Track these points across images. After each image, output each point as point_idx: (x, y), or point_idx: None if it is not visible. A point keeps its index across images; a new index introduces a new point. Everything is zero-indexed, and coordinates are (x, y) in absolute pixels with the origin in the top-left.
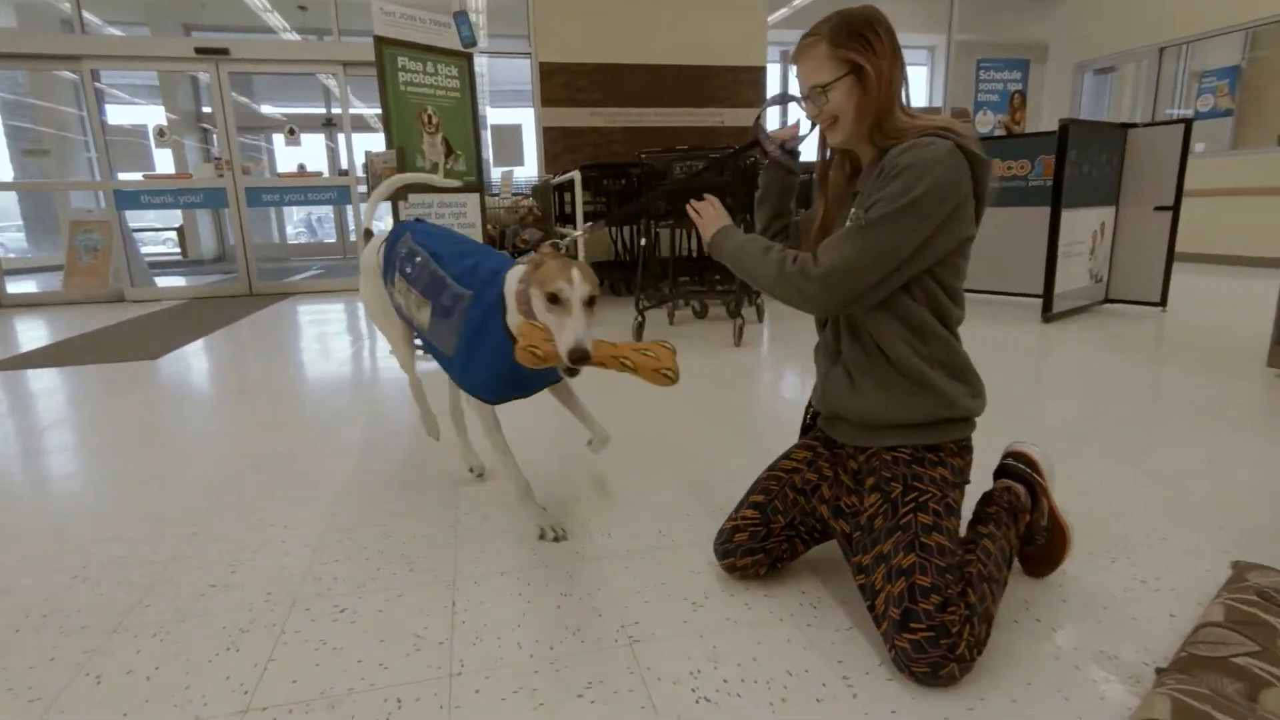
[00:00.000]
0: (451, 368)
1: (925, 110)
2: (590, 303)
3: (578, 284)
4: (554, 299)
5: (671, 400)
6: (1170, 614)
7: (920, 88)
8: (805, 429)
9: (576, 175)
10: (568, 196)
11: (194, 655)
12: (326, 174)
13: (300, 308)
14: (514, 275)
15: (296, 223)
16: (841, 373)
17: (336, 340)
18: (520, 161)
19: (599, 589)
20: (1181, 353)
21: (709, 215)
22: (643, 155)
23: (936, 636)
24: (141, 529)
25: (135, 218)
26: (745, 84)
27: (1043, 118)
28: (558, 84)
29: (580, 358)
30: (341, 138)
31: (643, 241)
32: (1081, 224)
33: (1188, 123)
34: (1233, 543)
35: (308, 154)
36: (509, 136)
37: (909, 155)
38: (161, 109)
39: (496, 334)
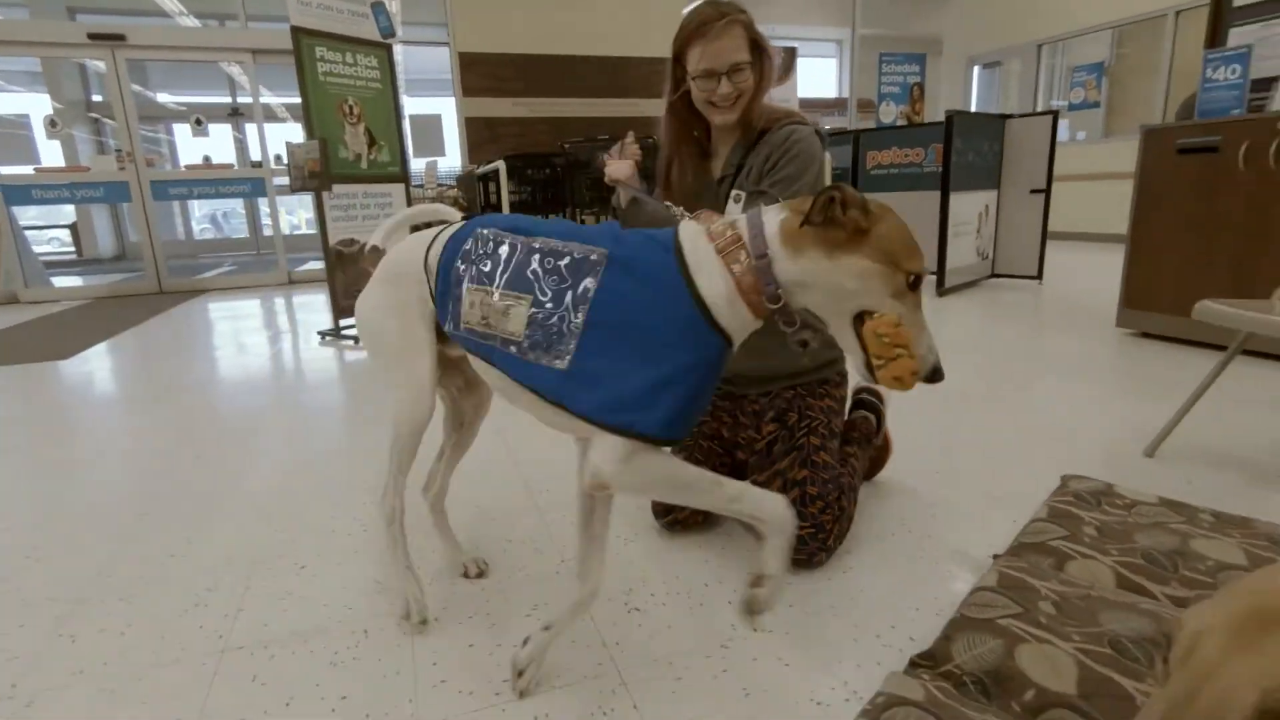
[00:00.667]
0: (575, 390)
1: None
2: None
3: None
4: (915, 282)
5: None
6: (1013, 519)
7: (830, 79)
8: None
9: (501, 165)
10: (493, 186)
11: (163, 614)
12: (236, 166)
13: (214, 305)
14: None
15: (201, 218)
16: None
17: (255, 336)
18: (441, 152)
19: (540, 535)
20: (1052, 318)
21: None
22: (565, 145)
23: (816, 533)
24: (87, 516)
25: (20, 214)
26: (664, 75)
27: (940, 109)
28: (479, 74)
29: (940, 372)
30: (251, 128)
31: None
32: (968, 206)
33: (1054, 114)
34: (1066, 463)
35: (213, 145)
36: (429, 127)
37: (795, 140)
38: (47, 98)
39: (680, 304)
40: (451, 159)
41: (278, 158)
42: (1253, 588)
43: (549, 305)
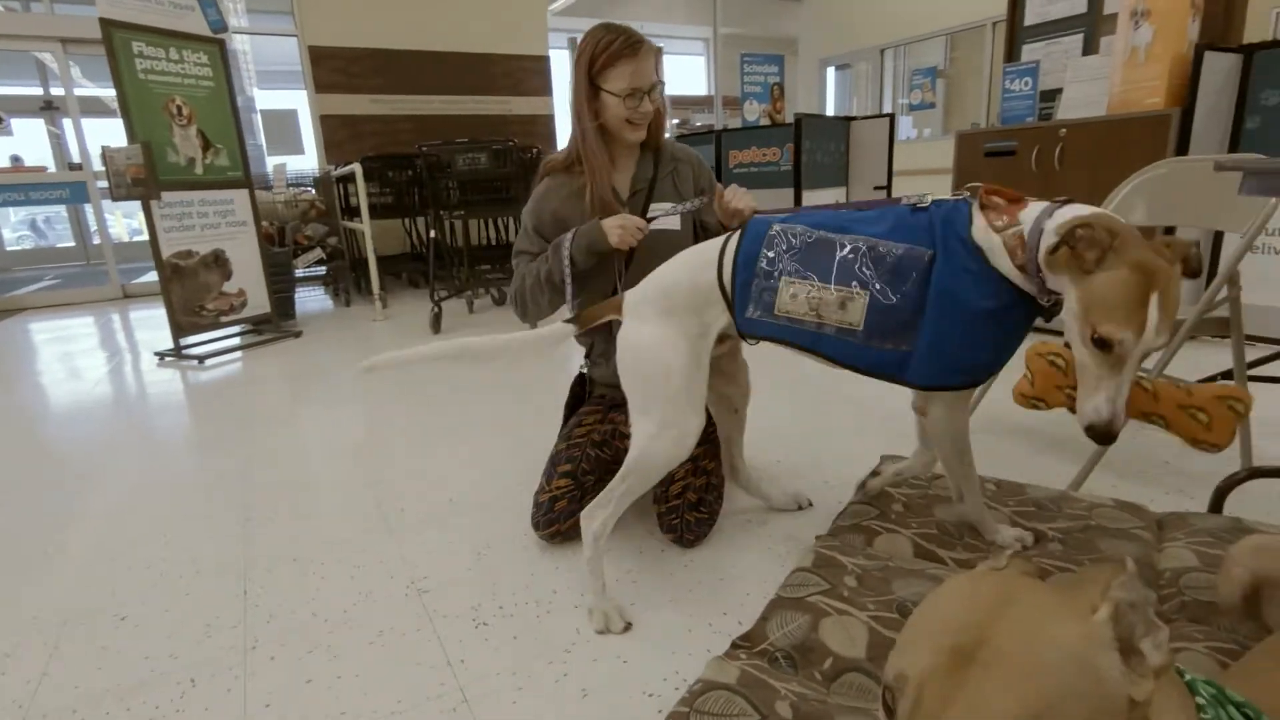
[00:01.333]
0: (922, 364)
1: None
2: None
3: (1151, 330)
4: (1103, 344)
5: (471, 380)
6: (839, 500)
7: (700, 78)
8: (575, 399)
9: (357, 168)
10: (352, 189)
11: None
12: (53, 168)
13: (35, 325)
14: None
15: (17, 224)
16: None
17: (85, 359)
18: (299, 149)
19: (393, 558)
20: None
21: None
22: (423, 148)
23: (709, 518)
24: None
25: None
26: (530, 72)
27: (798, 108)
28: (331, 69)
29: (1102, 436)
30: (68, 123)
31: (432, 233)
32: (819, 203)
33: (890, 117)
34: (894, 444)
35: (22, 144)
36: (284, 123)
37: (688, 151)
38: None
39: (981, 280)
40: (310, 158)
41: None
42: (946, 625)
43: (891, 298)
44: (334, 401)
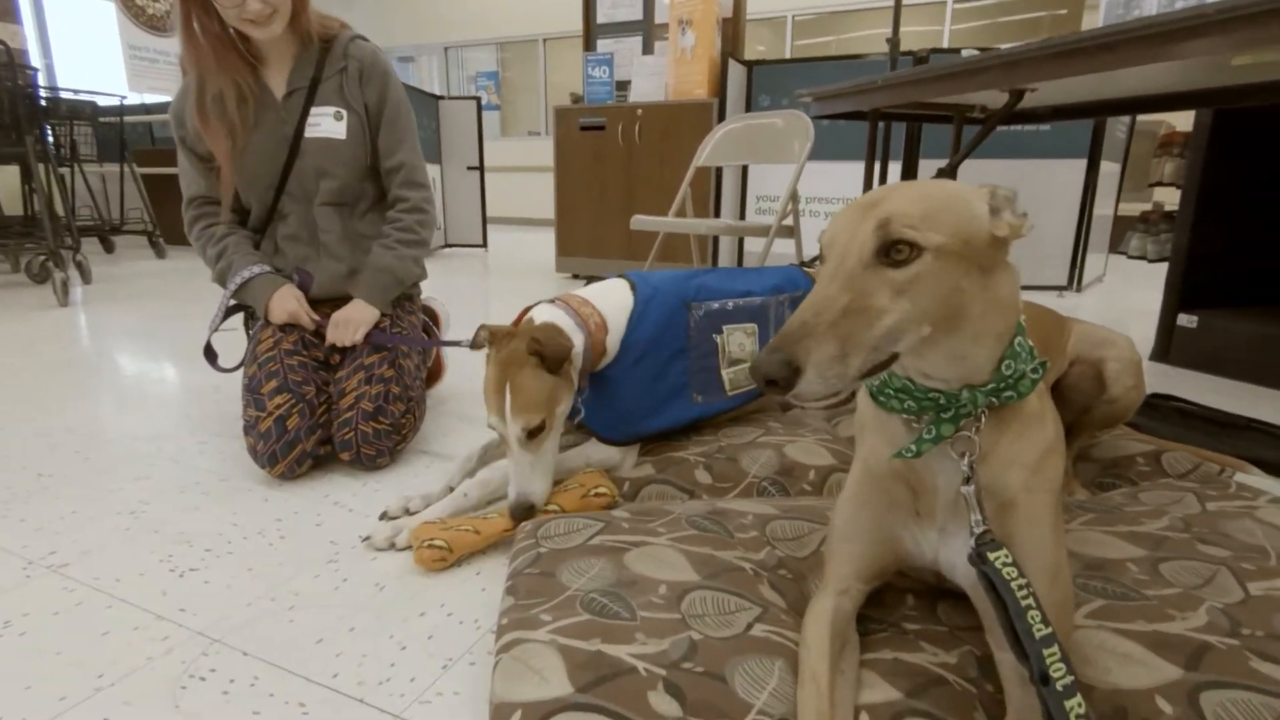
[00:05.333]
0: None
1: None
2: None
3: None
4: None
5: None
6: None
7: None
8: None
9: None
10: None
11: None
12: None
13: None
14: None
15: None
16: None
17: None
18: None
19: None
20: (502, 274)
21: (354, 323)
22: None
23: (391, 431)
24: None
25: None
26: None
27: None
28: None
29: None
30: None
31: None
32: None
33: (478, 99)
34: None
35: None
36: None
37: (376, 55)
38: None
39: None
40: None
41: None
42: (855, 201)
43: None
44: None
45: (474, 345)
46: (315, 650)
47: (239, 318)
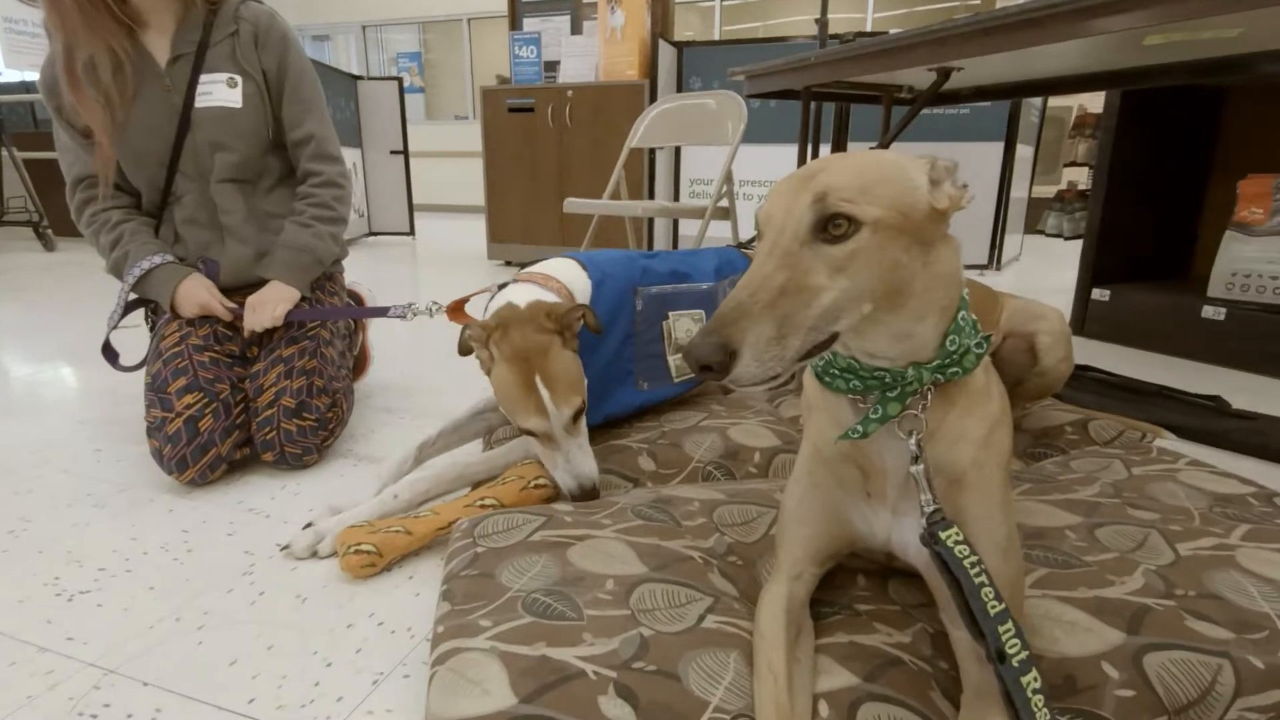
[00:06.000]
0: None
1: None
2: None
3: (549, 405)
4: (529, 434)
5: None
6: None
7: None
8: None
9: None
10: None
11: None
12: None
13: None
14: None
15: None
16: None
17: None
18: None
19: None
20: (431, 262)
21: (272, 302)
22: None
23: (318, 428)
24: None
25: None
26: None
27: None
28: None
29: (589, 495)
30: None
31: None
32: None
33: (399, 80)
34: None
35: None
36: None
37: (273, 18)
38: None
39: None
40: None
41: None
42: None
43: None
44: None
45: (462, 350)
46: (228, 674)
47: (141, 313)
